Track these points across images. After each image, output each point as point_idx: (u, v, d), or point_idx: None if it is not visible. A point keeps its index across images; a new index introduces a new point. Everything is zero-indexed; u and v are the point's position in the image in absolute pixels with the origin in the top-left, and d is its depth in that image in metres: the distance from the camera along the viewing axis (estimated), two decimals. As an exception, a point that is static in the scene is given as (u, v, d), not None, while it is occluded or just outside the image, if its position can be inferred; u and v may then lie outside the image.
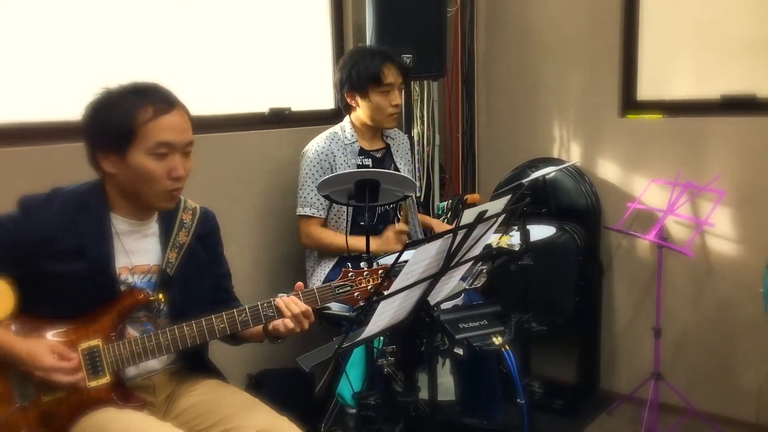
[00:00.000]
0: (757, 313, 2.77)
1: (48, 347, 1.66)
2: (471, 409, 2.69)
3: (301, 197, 2.78)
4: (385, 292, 1.59)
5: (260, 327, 1.85)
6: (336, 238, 2.74)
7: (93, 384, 1.69)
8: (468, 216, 1.65)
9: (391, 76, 2.72)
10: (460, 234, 1.63)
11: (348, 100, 2.80)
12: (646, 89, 3.31)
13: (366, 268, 1.87)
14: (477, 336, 2.07)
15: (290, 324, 1.80)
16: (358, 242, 2.59)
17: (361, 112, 2.80)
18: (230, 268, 2.06)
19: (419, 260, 1.60)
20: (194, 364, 1.93)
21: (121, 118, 1.70)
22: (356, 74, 2.73)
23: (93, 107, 1.75)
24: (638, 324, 3.36)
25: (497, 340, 2.08)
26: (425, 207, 3.54)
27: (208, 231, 1.95)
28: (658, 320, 3.06)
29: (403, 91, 2.82)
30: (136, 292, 1.78)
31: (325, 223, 2.80)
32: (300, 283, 1.87)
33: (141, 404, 1.77)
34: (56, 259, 1.71)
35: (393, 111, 2.76)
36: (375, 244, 2.62)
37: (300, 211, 2.77)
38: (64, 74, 2.37)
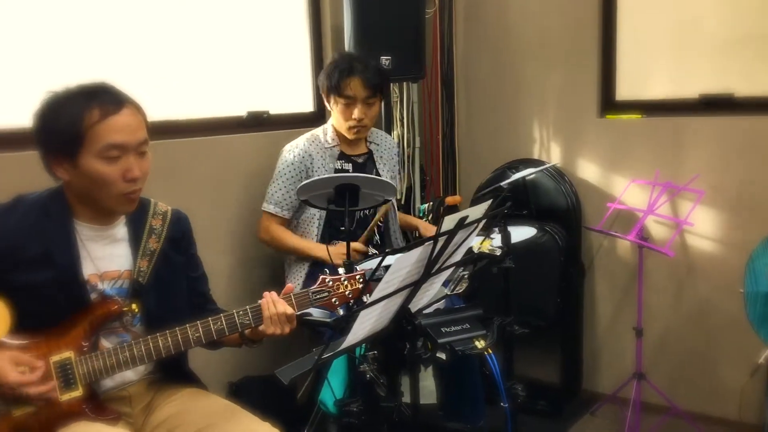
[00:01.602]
0: (737, 312, 2.79)
1: (12, 360, 1.60)
2: (454, 413, 2.67)
3: (269, 193, 2.77)
4: (366, 301, 1.57)
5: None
6: (292, 239, 2.76)
7: (65, 397, 1.65)
8: (448, 222, 1.63)
9: (351, 89, 2.66)
10: (441, 241, 1.61)
11: (326, 103, 2.80)
12: (625, 89, 3.32)
13: (343, 274, 1.85)
14: (459, 340, 2.05)
15: (269, 329, 1.77)
16: (308, 247, 2.70)
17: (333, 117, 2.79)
18: (208, 272, 2.02)
19: (400, 268, 1.58)
20: (172, 373, 1.89)
21: (68, 123, 1.63)
22: (324, 81, 2.73)
23: (40, 113, 1.68)
24: (620, 324, 3.37)
25: (480, 344, 2.06)
26: (406, 209, 3.53)
27: (179, 233, 1.90)
28: (639, 320, 3.07)
29: (374, 103, 2.72)
30: (109, 303, 1.73)
31: (288, 225, 2.79)
32: (290, 285, 1.84)
33: (115, 417, 1.73)
34: (22, 268, 1.67)
35: (353, 124, 2.71)
36: (324, 252, 2.63)
37: (265, 206, 2.77)
38: (39, 81, 2.31)
